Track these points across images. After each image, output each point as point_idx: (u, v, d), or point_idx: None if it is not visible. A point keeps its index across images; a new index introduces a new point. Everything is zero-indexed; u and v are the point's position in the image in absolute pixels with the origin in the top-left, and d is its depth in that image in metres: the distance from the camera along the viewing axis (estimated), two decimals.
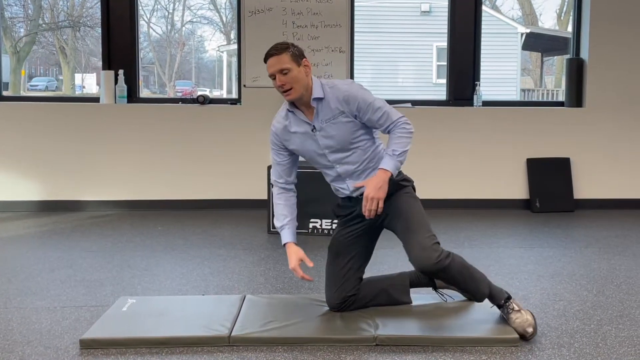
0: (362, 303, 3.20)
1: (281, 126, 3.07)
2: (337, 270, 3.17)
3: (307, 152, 3.07)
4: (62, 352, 2.85)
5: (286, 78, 2.91)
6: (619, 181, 6.27)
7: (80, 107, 6.12)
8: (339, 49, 6.08)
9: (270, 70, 2.94)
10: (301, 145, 3.06)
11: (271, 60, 2.94)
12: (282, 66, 2.90)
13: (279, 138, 3.09)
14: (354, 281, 3.16)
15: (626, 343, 2.95)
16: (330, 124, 2.98)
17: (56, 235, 5.12)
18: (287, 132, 3.06)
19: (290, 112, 3.04)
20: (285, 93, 2.94)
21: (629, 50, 6.19)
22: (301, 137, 3.05)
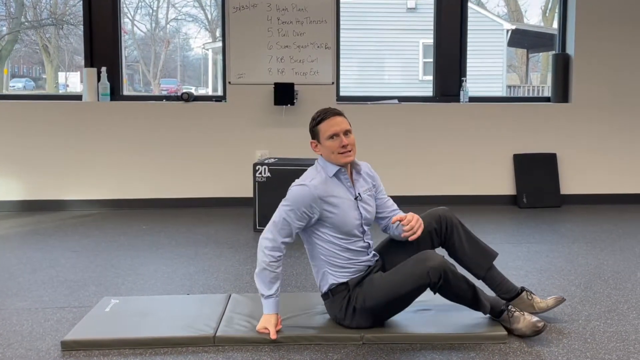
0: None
1: (322, 191, 2.90)
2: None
3: (347, 220, 2.94)
4: (44, 354, 2.79)
5: (349, 140, 2.94)
6: (605, 176, 6.27)
7: (62, 105, 6.04)
8: (325, 45, 6.03)
9: (335, 128, 2.92)
10: (343, 213, 2.93)
11: (337, 119, 2.95)
12: (347, 127, 2.95)
13: (317, 202, 2.88)
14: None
15: (614, 338, 2.93)
16: (367, 196, 3.06)
17: (38, 235, 5.05)
18: (330, 197, 2.92)
19: (333, 177, 2.97)
20: (346, 154, 2.94)
21: (615, 45, 6.19)
22: (345, 204, 2.95)
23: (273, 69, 6.02)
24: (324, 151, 2.97)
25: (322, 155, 3.00)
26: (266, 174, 5.08)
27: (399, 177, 6.12)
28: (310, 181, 2.91)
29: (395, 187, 6.11)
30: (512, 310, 2.96)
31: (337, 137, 2.92)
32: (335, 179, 2.97)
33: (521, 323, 2.91)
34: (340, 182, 2.98)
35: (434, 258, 2.81)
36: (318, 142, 2.99)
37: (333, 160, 2.96)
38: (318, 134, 2.97)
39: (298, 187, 2.91)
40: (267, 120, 6.08)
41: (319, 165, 3.01)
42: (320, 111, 2.99)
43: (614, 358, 2.72)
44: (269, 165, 5.10)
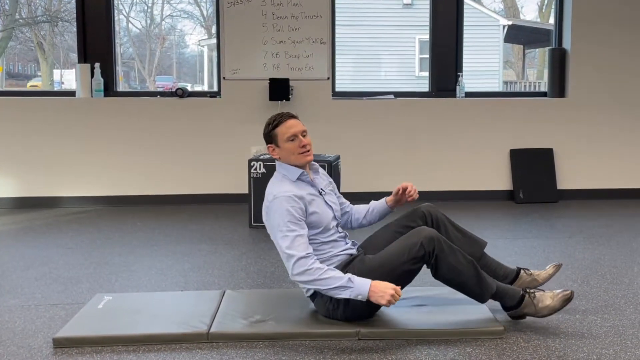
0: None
1: (297, 192, 2.93)
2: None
3: (324, 214, 3.01)
4: (36, 352, 2.76)
5: (307, 140, 3.02)
6: (602, 171, 6.26)
7: (56, 101, 6.00)
8: (320, 40, 6.00)
9: (293, 130, 2.99)
10: (319, 208, 2.99)
11: (293, 122, 3.02)
12: (304, 128, 3.03)
13: (303, 202, 2.91)
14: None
15: (612, 333, 2.91)
16: (328, 190, 3.15)
17: (32, 232, 5.01)
18: (305, 196, 2.95)
19: (299, 180, 3.01)
20: (306, 153, 3.01)
21: (611, 40, 6.17)
22: (316, 201, 3.00)
23: (268, 64, 5.99)
24: (283, 154, 3.02)
25: (281, 158, 3.04)
26: (261, 170, 5.05)
27: (394, 173, 6.10)
28: (279, 191, 2.92)
29: (391, 182, 6.06)
30: (531, 292, 2.92)
31: (296, 138, 2.99)
32: (299, 182, 3.01)
33: (548, 300, 2.88)
34: (304, 183, 3.03)
35: (427, 229, 2.86)
36: (276, 146, 3.03)
37: (293, 161, 3.01)
38: (276, 138, 3.02)
39: (276, 201, 2.90)
40: (262, 116, 6.02)
41: (280, 173, 3.05)
42: (274, 116, 3.06)
43: (610, 353, 2.70)
44: (264, 161, 5.07)
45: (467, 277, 2.85)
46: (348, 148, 6.01)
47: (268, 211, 2.95)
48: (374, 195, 6.02)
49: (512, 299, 2.92)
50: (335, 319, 2.94)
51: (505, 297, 2.93)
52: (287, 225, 2.85)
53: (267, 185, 3.05)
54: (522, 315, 2.95)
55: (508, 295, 2.93)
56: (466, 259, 2.86)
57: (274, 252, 4.36)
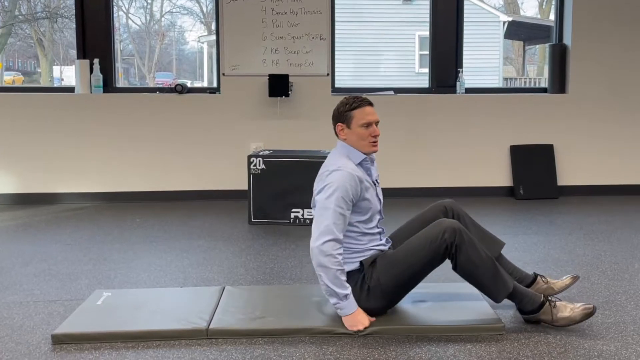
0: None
1: (358, 175, 2.90)
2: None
3: (374, 204, 2.98)
4: (34, 348, 2.74)
5: (379, 131, 3.01)
6: (602, 167, 6.24)
7: (55, 97, 5.98)
8: (320, 36, 5.98)
9: (370, 118, 2.97)
10: (372, 197, 2.97)
11: (371, 109, 3.00)
12: (379, 119, 3.02)
13: (362, 186, 2.89)
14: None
15: (612, 329, 2.90)
16: (378, 184, 3.12)
17: (31, 228, 5.00)
18: (363, 182, 2.93)
19: (360, 164, 2.98)
20: (375, 144, 2.99)
21: (612, 36, 6.15)
22: (371, 189, 2.99)
23: (267, 60, 5.97)
24: (352, 137, 2.97)
25: (347, 140, 2.99)
26: (261, 166, 5.04)
27: (394, 169, 6.09)
28: (345, 165, 2.89)
29: (391, 179, 6.08)
30: (552, 300, 2.89)
31: (371, 127, 2.96)
32: (359, 166, 2.98)
33: (568, 311, 2.84)
34: (363, 169, 3.00)
35: (448, 220, 2.85)
36: (347, 127, 2.98)
37: (360, 147, 2.97)
38: (350, 119, 2.97)
39: (338, 173, 2.86)
40: (261, 112, 6.03)
41: (343, 152, 2.99)
42: (355, 97, 3.01)
43: (612, 349, 2.69)
44: (264, 157, 5.06)
45: (485, 271, 2.82)
46: None
47: (325, 180, 2.88)
48: None
49: (531, 303, 2.88)
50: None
51: (524, 300, 2.89)
52: (339, 202, 2.80)
53: (328, 157, 3.01)
54: (537, 320, 2.91)
55: (527, 299, 2.88)
56: (485, 254, 2.84)
57: (273, 248, 4.35)
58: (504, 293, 2.85)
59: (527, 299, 2.88)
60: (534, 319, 2.90)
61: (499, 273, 2.84)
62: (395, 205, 5.70)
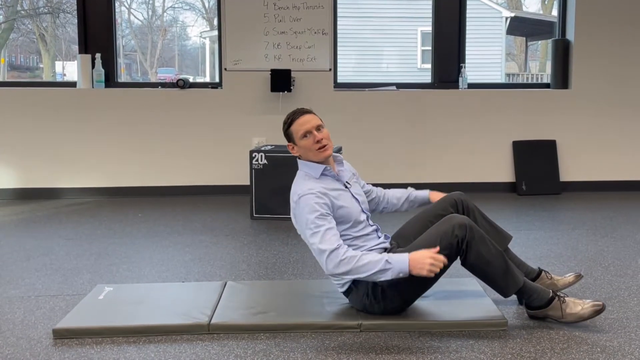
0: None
1: (321, 189, 2.88)
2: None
3: (352, 208, 2.95)
4: (35, 343, 2.74)
5: (322, 134, 2.96)
6: (605, 163, 6.23)
7: (56, 92, 5.97)
8: (322, 31, 5.96)
9: (307, 126, 2.95)
10: (346, 202, 2.94)
11: (306, 117, 2.97)
12: (318, 122, 2.97)
13: (328, 197, 2.86)
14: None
15: (615, 325, 2.89)
16: (353, 182, 3.10)
17: (33, 223, 5.00)
18: (331, 191, 2.90)
19: (323, 175, 2.97)
20: (322, 149, 2.95)
21: (615, 31, 6.12)
22: (343, 195, 2.96)
23: (270, 55, 5.95)
24: (302, 151, 2.99)
25: (301, 156, 3.01)
26: (263, 161, 5.03)
27: (396, 165, 6.08)
28: (303, 189, 2.88)
29: (392, 174, 6.07)
30: (562, 296, 2.87)
31: (310, 134, 2.95)
32: (323, 177, 2.97)
33: (577, 307, 2.82)
34: (328, 178, 2.99)
35: (458, 216, 2.84)
36: (294, 144, 3.00)
37: (312, 158, 2.97)
38: (292, 136, 2.99)
39: (301, 200, 2.85)
40: (263, 107, 6.01)
41: (302, 172, 3.01)
42: (289, 114, 3.02)
43: (615, 345, 2.68)
44: (266, 152, 5.05)
45: (495, 267, 2.80)
46: (350, 139, 5.98)
47: (295, 212, 2.90)
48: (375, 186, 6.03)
49: (540, 299, 2.86)
50: (372, 313, 2.90)
51: (533, 296, 2.86)
52: (315, 222, 2.78)
53: (292, 186, 3.00)
54: (544, 316, 2.89)
55: (536, 294, 2.86)
56: (496, 249, 2.82)
57: (275, 243, 4.35)
58: (513, 289, 2.83)
59: (536, 294, 2.86)
60: (541, 314, 2.88)
61: (509, 269, 2.82)
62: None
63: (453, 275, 3.38)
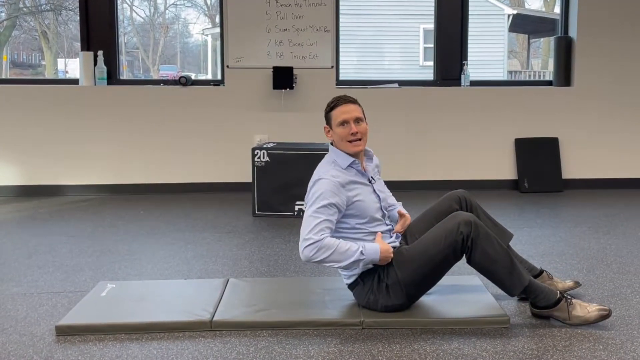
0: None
1: (344, 179, 2.88)
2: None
3: (369, 204, 2.95)
4: (38, 340, 2.75)
5: (360, 128, 2.94)
6: (607, 161, 6.22)
7: (59, 89, 5.98)
8: (324, 29, 5.95)
9: (345, 116, 2.93)
10: (365, 197, 2.94)
11: (348, 107, 2.96)
12: (359, 114, 2.96)
13: (344, 190, 2.86)
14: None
15: (618, 323, 2.89)
16: (377, 179, 3.10)
17: (35, 220, 5.00)
18: (352, 184, 2.91)
19: (350, 167, 2.96)
20: (355, 142, 2.94)
21: (618, 28, 6.11)
22: (364, 189, 2.96)
23: (272, 52, 5.95)
24: (336, 137, 2.98)
25: (334, 142, 3.00)
26: (265, 159, 5.03)
27: (399, 162, 6.07)
28: (327, 173, 2.88)
29: (395, 172, 6.06)
30: (569, 297, 2.86)
31: (347, 125, 2.93)
32: (349, 169, 2.96)
33: (583, 310, 2.81)
34: (354, 170, 2.98)
35: (464, 214, 2.84)
36: (330, 128, 3.00)
37: (344, 148, 2.96)
38: (330, 120, 2.99)
39: (318, 183, 2.86)
40: (265, 105, 6.01)
41: (331, 157, 2.99)
42: (335, 98, 3.02)
43: (617, 342, 2.68)
44: (268, 149, 5.05)
45: (501, 266, 2.79)
46: None
47: (309, 192, 2.89)
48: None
49: (547, 299, 2.84)
50: (375, 309, 2.91)
51: (540, 296, 2.84)
52: (320, 210, 2.79)
53: (316, 168, 2.99)
54: (548, 316, 2.88)
55: (543, 294, 2.85)
56: (502, 248, 2.82)
57: (277, 240, 4.35)
58: (519, 287, 2.82)
59: (543, 294, 2.84)
60: (546, 314, 2.87)
61: (515, 267, 2.81)
62: (398, 197, 5.68)
63: (455, 272, 3.38)
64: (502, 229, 3.17)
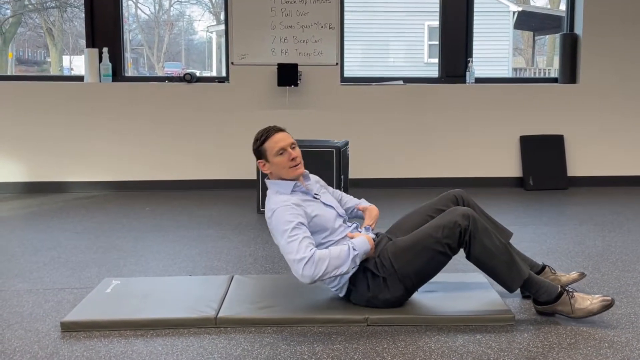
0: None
1: (295, 200, 2.89)
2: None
3: (326, 216, 2.96)
4: (43, 336, 2.75)
5: (296, 152, 2.99)
6: (612, 158, 6.20)
7: (64, 86, 5.99)
8: (329, 25, 5.95)
9: (281, 144, 2.96)
10: (320, 211, 2.95)
11: (280, 135, 2.99)
12: (292, 140, 3.00)
13: (300, 208, 2.87)
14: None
15: (623, 320, 2.88)
16: (322, 193, 3.12)
17: (41, 216, 5.01)
18: (304, 202, 2.93)
19: (294, 191, 2.97)
20: (295, 167, 2.98)
21: (624, 26, 6.09)
22: (315, 205, 2.97)
23: (276, 49, 5.95)
24: (274, 168, 2.99)
25: (272, 173, 3.01)
26: None
27: (403, 159, 6.07)
28: (277, 203, 2.88)
29: (399, 169, 6.07)
30: (570, 291, 2.85)
31: (285, 152, 2.96)
32: (294, 193, 2.97)
33: (586, 302, 2.80)
34: (299, 192, 2.99)
35: (462, 208, 2.86)
36: (266, 161, 3.00)
37: (285, 175, 2.98)
38: (265, 153, 2.99)
39: (275, 214, 2.84)
40: (270, 102, 6.01)
41: (273, 190, 2.99)
42: (261, 131, 3.03)
43: (622, 340, 2.67)
44: None
45: (500, 260, 2.79)
46: (357, 134, 5.98)
47: (271, 226, 2.88)
48: (382, 181, 6.04)
49: (548, 293, 2.84)
50: (377, 306, 2.90)
51: (541, 290, 2.84)
52: (291, 233, 2.76)
53: (265, 204, 3.00)
54: (552, 312, 2.87)
55: (544, 289, 2.84)
56: (501, 242, 2.82)
57: None
58: (518, 282, 2.81)
59: (544, 289, 2.84)
60: (549, 309, 2.86)
61: (514, 261, 2.81)
62: (403, 195, 5.69)
63: (460, 270, 3.38)
64: (502, 227, 3.17)
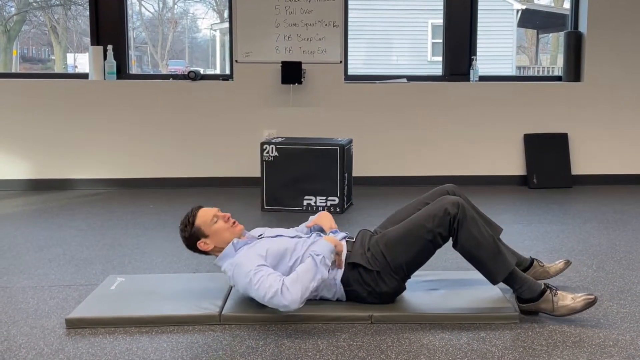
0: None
1: (242, 254, 2.89)
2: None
3: (282, 243, 2.93)
4: (49, 332, 2.76)
5: (226, 214, 3.03)
6: (617, 156, 6.19)
7: (68, 83, 6.00)
8: (333, 23, 5.94)
9: (211, 213, 2.99)
10: (269, 242, 2.93)
11: (204, 209, 3.04)
12: (216, 208, 3.05)
13: (251, 251, 2.87)
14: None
15: (628, 319, 2.88)
16: (265, 233, 3.13)
17: (45, 214, 5.03)
18: (251, 249, 2.90)
19: (240, 248, 2.94)
20: (234, 224, 3.00)
21: (628, 24, 6.07)
22: (264, 241, 2.96)
23: (280, 47, 5.95)
24: (216, 239, 2.97)
25: (216, 248, 2.98)
26: (274, 154, 5.03)
27: (407, 157, 6.07)
28: (235, 260, 2.86)
29: (403, 167, 6.07)
30: (554, 288, 2.85)
31: (218, 218, 2.98)
32: (240, 248, 2.93)
33: (568, 300, 2.80)
34: (244, 247, 2.94)
35: (451, 197, 2.89)
36: (205, 238, 2.97)
37: (228, 237, 2.96)
38: (200, 230, 2.97)
39: (237, 266, 2.82)
40: (274, 100, 6.01)
41: (225, 255, 2.94)
42: (183, 219, 3.03)
43: (627, 339, 2.67)
44: (277, 144, 5.05)
45: (486, 250, 2.80)
46: (360, 132, 5.98)
47: (235, 280, 2.85)
48: (386, 179, 6.04)
49: (531, 291, 2.83)
50: (374, 303, 2.91)
51: (524, 286, 2.83)
52: (255, 276, 2.72)
53: (227, 271, 2.94)
54: (537, 310, 2.86)
55: (527, 285, 2.83)
56: (488, 232, 2.83)
57: None
58: (503, 273, 2.81)
59: (527, 285, 2.84)
60: (533, 307, 2.85)
61: (500, 252, 2.82)
62: (406, 193, 5.68)
63: (463, 267, 3.38)
64: (492, 222, 3.21)
